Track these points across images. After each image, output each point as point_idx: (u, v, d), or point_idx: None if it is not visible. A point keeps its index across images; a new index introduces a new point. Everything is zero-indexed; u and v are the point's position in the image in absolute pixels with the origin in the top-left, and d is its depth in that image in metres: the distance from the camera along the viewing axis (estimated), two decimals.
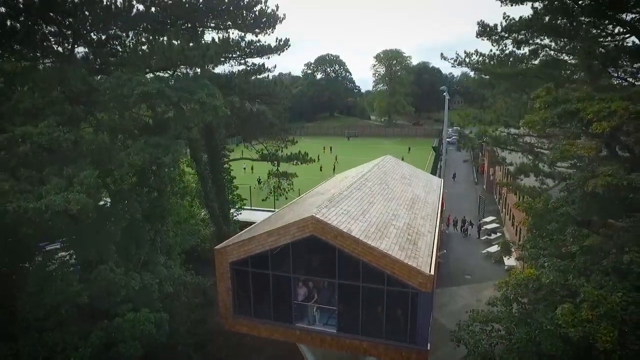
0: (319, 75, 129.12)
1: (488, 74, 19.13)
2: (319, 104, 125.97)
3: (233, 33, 22.87)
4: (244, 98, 20.70)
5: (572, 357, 10.20)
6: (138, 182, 14.34)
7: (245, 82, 19.66)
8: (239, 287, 17.82)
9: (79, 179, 12.18)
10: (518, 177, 14.67)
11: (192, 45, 15.40)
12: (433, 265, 15.52)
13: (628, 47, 15.21)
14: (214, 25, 21.97)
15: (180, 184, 16.20)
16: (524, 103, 16.54)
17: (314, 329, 17.18)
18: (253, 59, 24.73)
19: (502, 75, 17.41)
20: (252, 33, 22.65)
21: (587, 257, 11.48)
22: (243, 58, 24.12)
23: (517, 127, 15.60)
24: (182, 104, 14.54)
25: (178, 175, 15.01)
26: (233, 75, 18.67)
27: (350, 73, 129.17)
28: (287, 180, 26.45)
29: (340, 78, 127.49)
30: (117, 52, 17.66)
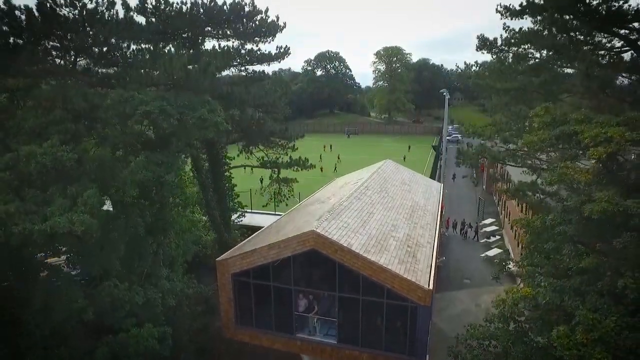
0: (319, 72, 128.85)
1: (488, 89, 19.23)
2: (319, 101, 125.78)
3: (234, 42, 23.01)
4: (245, 109, 20.79)
5: None
6: (140, 195, 14.49)
7: (246, 92, 19.75)
8: (241, 297, 18.08)
9: (83, 200, 12.35)
10: (516, 196, 14.89)
11: (192, 60, 15.47)
12: (432, 279, 15.75)
13: (626, 63, 15.35)
14: (214, 34, 22.03)
15: (182, 196, 16.32)
16: (524, 117, 16.67)
17: (315, 340, 17.46)
18: (253, 67, 24.94)
19: (501, 90, 17.52)
20: (252, 42, 22.73)
21: (583, 277, 11.70)
22: (243, 65, 24.25)
23: (516, 142, 15.76)
24: (183, 121, 14.66)
25: (180, 187, 15.12)
26: (234, 86, 18.73)
27: (350, 70, 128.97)
28: (287, 187, 26.61)
29: (340, 75, 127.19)
30: (118, 63, 17.78)
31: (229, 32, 22.04)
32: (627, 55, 16.52)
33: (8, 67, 13.85)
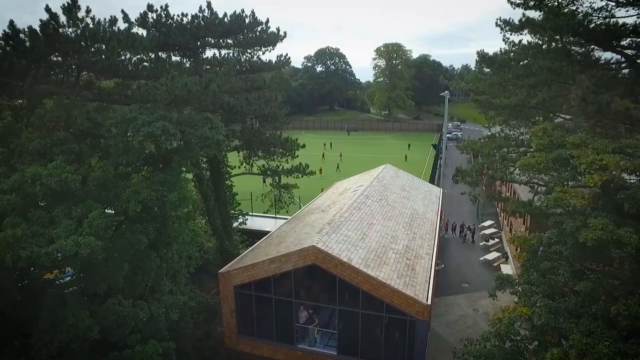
0: (319, 68, 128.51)
1: (486, 104, 19.35)
2: (319, 97, 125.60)
3: (234, 51, 23.09)
4: (245, 120, 20.94)
5: None
6: (143, 211, 14.69)
7: (247, 104, 19.88)
8: (243, 308, 18.42)
9: (88, 221, 12.58)
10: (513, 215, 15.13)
11: (193, 71, 15.61)
12: (430, 294, 16.05)
13: (623, 79, 15.51)
14: (215, 44, 22.12)
15: (184, 209, 16.54)
16: (522, 133, 16.84)
17: (315, 351, 17.81)
18: (253, 75, 25.04)
19: (500, 106, 17.67)
20: (252, 50, 22.84)
21: (578, 298, 11.97)
22: (244, 74, 24.36)
23: (514, 160, 15.95)
24: (185, 140, 14.84)
25: (184, 201, 15.32)
26: (234, 96, 18.85)
27: (350, 66, 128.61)
28: (287, 193, 26.81)
29: (340, 71, 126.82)
30: (120, 76, 17.92)
31: (230, 41, 22.15)
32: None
33: (13, 87, 14.00)
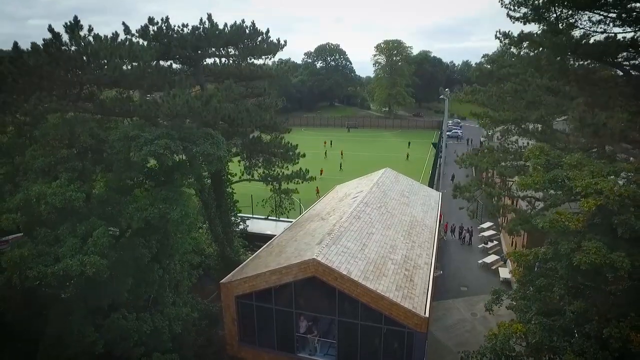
0: (319, 64, 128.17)
1: (485, 117, 19.47)
2: (319, 94, 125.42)
3: (235, 59, 23.18)
4: (246, 132, 21.09)
5: None
6: (145, 226, 14.92)
7: (247, 115, 20.02)
8: (244, 318, 18.75)
9: (93, 240, 12.84)
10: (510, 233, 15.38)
11: (195, 95, 15.77)
12: (428, 306, 16.36)
13: (621, 93, 15.63)
14: (215, 53, 22.22)
15: (186, 220, 16.75)
16: (521, 147, 17.01)
17: None
18: (253, 82, 25.17)
19: (500, 121, 17.82)
20: (252, 58, 22.95)
21: (572, 315, 12.26)
22: (244, 81, 24.49)
23: (512, 175, 16.14)
24: (188, 156, 15.04)
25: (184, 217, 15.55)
26: (235, 109, 18.97)
27: (351, 62, 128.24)
28: (288, 199, 27.04)
29: (341, 67, 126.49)
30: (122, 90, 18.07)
31: (231, 50, 22.25)
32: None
33: (17, 105, 14.18)
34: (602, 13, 15.95)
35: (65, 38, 14.12)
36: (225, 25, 20.30)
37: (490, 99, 18.53)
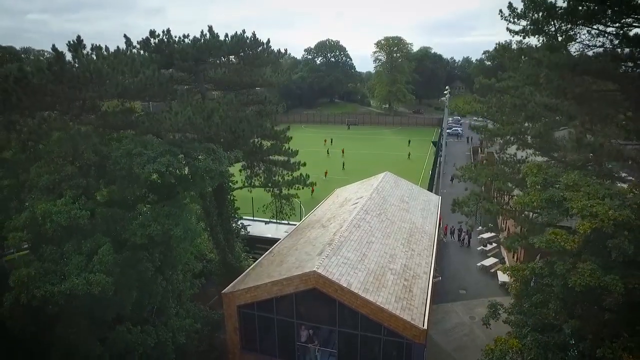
0: (319, 61, 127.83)
1: (484, 131, 19.65)
2: (319, 90, 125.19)
3: (235, 68, 23.28)
4: (247, 143, 21.26)
5: None
6: (149, 241, 15.15)
7: (248, 125, 20.21)
8: (246, 327, 19.09)
9: (98, 258, 13.10)
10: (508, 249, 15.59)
11: (197, 107, 15.93)
12: (426, 317, 16.67)
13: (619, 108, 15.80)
14: (216, 63, 22.33)
15: (189, 236, 17.01)
16: (518, 161, 17.19)
17: None
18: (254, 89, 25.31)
19: (499, 134, 17.98)
20: (253, 67, 23.06)
21: (568, 332, 12.56)
22: (245, 88, 24.64)
23: (511, 189, 16.31)
24: (190, 172, 15.25)
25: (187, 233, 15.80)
26: (237, 120, 19.16)
27: (351, 59, 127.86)
28: (288, 205, 27.27)
29: (341, 64, 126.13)
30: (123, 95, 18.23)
31: (231, 59, 22.36)
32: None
33: (21, 124, 14.37)
34: (600, 28, 16.11)
35: (69, 56, 14.28)
36: (226, 36, 20.39)
37: (490, 110, 18.71)
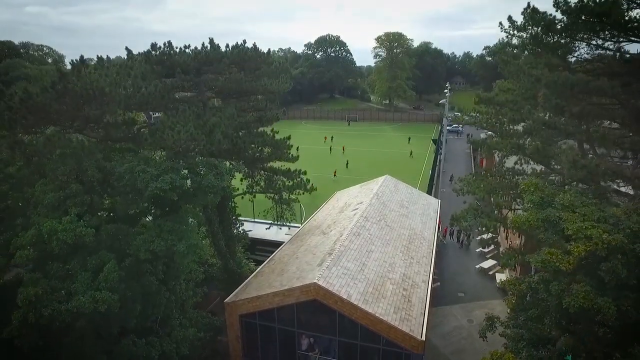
0: (319, 55, 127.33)
1: (482, 145, 19.83)
2: (319, 86, 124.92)
3: (236, 76, 23.39)
4: (248, 153, 21.42)
5: None
6: (152, 256, 15.41)
7: (249, 136, 20.40)
8: (248, 335, 19.49)
9: (104, 275, 13.40)
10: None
11: (198, 125, 16.11)
12: (424, 328, 17.02)
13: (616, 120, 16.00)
14: (217, 72, 22.44)
15: (192, 251, 17.28)
16: (517, 172, 17.39)
17: None
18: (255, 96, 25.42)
19: (497, 148, 18.18)
20: (253, 77, 23.17)
21: (563, 349, 12.90)
22: (246, 95, 24.76)
23: (508, 206, 16.53)
24: (192, 188, 15.48)
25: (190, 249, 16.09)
26: (238, 138, 19.33)
27: (351, 54, 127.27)
28: (289, 210, 27.50)
29: (341, 59, 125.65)
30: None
31: (233, 67, 22.46)
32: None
33: (28, 144, 14.58)
34: (599, 42, 16.25)
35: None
36: (227, 46, 20.51)
37: (489, 122, 18.88)
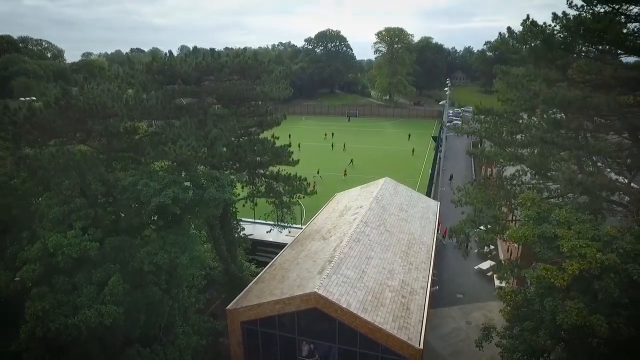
0: (319, 50, 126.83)
1: (481, 155, 20.03)
2: (320, 81, 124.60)
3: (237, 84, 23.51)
4: (248, 160, 21.64)
5: None
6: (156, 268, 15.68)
7: (250, 144, 20.60)
8: (249, 341, 19.90)
9: (109, 289, 13.70)
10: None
11: (199, 138, 16.32)
12: (422, 336, 17.39)
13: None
14: (216, 78, 22.57)
15: (195, 263, 17.53)
16: (515, 184, 17.62)
17: None
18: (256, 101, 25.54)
19: (496, 159, 18.36)
20: (254, 85, 23.30)
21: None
22: (247, 101, 24.90)
23: (505, 218, 16.76)
24: (194, 201, 15.72)
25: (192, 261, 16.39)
26: (239, 144, 19.55)
27: (351, 49, 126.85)
28: (289, 214, 27.78)
29: (341, 54, 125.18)
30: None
31: (234, 76, 22.59)
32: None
33: (33, 158, 14.80)
34: (597, 54, 16.36)
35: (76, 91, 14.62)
36: (228, 56, 20.61)
37: (488, 130, 19.07)
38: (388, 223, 26.14)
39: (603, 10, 14.81)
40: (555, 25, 15.25)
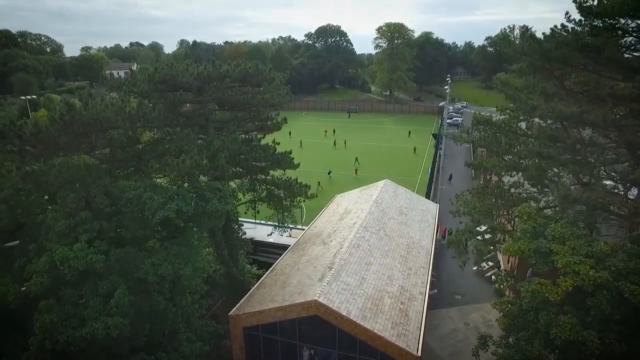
0: (319, 45, 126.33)
1: (480, 165, 20.25)
2: (320, 76, 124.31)
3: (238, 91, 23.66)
4: (249, 169, 21.89)
5: None
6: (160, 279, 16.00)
7: (250, 152, 20.85)
8: (251, 347, 20.33)
9: (115, 301, 14.05)
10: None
11: (202, 148, 16.55)
12: (421, 342, 17.79)
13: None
14: (217, 87, 22.73)
15: (198, 274, 17.85)
16: (513, 194, 17.86)
17: None
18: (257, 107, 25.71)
19: (493, 170, 18.60)
20: (255, 93, 23.47)
21: None
22: (247, 107, 25.08)
23: (504, 228, 17.02)
24: (197, 213, 16.01)
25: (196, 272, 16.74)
26: (240, 152, 19.79)
27: (352, 44, 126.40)
28: (290, 218, 28.09)
29: (342, 49, 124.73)
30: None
31: (236, 83, 22.75)
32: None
33: (39, 175, 15.07)
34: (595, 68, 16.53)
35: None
36: (229, 64, 20.76)
37: (486, 140, 19.29)
38: (388, 227, 26.46)
39: (601, 25, 14.98)
40: (553, 41, 15.41)
